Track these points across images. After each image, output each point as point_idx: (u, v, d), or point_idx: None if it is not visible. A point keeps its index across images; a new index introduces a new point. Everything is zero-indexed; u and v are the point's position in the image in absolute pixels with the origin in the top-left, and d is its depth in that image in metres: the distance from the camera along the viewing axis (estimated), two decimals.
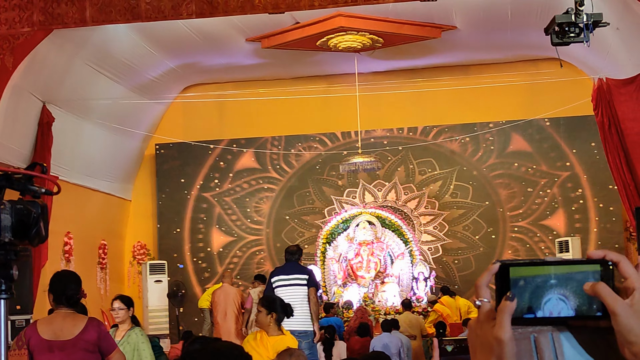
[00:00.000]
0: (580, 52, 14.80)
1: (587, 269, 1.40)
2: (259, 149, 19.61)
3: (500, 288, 1.41)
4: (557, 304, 1.40)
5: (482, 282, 1.43)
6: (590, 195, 18.54)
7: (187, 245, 19.58)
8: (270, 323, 6.86)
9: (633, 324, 1.37)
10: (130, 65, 16.70)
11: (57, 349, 5.50)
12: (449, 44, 16.94)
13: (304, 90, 18.71)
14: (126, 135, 18.23)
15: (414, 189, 19.25)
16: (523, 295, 1.40)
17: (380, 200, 19.26)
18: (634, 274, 1.41)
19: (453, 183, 19.17)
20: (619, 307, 1.37)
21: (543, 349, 1.40)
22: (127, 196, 19.70)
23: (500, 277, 1.41)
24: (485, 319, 1.42)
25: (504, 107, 18.77)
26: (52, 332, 5.57)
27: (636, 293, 1.39)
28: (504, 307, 1.38)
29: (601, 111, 14.81)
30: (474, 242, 18.96)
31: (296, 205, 19.52)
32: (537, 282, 1.40)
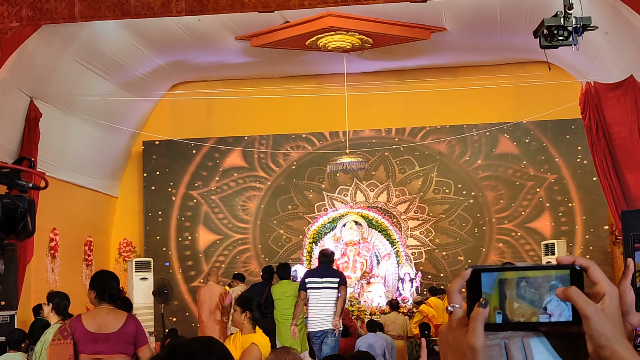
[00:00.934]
0: (569, 55, 14.84)
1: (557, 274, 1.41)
2: (246, 147, 19.60)
3: (472, 293, 1.41)
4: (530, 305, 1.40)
5: (454, 288, 1.43)
6: (577, 199, 18.60)
7: (173, 243, 19.55)
8: (244, 322, 6.89)
9: (604, 327, 1.38)
10: (118, 62, 16.66)
11: (101, 341, 6.14)
12: (438, 45, 16.96)
13: (293, 89, 18.69)
14: (113, 132, 18.19)
15: (407, 192, 19.26)
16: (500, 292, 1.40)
17: (371, 201, 19.26)
18: (604, 279, 1.42)
19: (435, 181, 19.19)
20: (591, 311, 1.37)
21: (514, 354, 1.40)
22: (113, 193, 19.66)
23: (472, 282, 1.41)
24: (456, 325, 1.42)
25: (492, 109, 18.81)
26: (97, 325, 6.19)
27: (606, 298, 1.40)
28: (477, 313, 1.38)
29: (589, 115, 14.86)
30: (462, 238, 18.99)
31: (285, 203, 19.50)
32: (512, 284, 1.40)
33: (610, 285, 1.42)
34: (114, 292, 6.32)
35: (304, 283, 11.91)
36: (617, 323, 1.41)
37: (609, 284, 1.42)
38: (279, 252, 19.34)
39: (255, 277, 18.55)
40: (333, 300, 11.79)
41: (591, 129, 14.85)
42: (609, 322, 1.39)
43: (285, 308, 12.75)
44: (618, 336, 1.40)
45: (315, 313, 11.85)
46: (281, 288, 13.18)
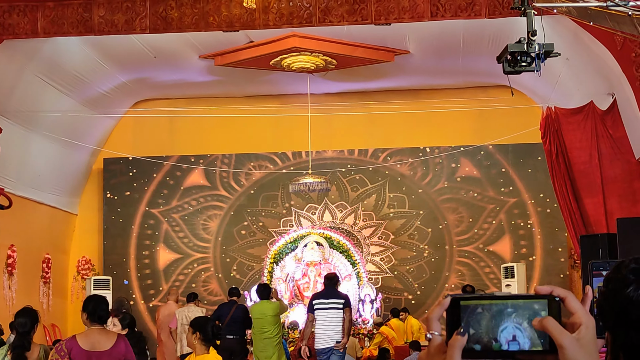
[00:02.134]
0: (530, 80, 14.99)
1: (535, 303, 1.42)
2: (208, 166, 19.53)
3: (451, 321, 1.42)
4: (512, 331, 1.41)
5: (433, 315, 1.45)
6: (537, 222, 18.73)
7: (132, 262, 19.40)
8: (195, 342, 6.90)
9: (579, 358, 1.40)
10: (81, 78, 16.55)
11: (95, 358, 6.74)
12: (402, 68, 17.05)
13: (256, 109, 18.70)
14: (74, 149, 18.05)
15: (347, 206, 19.28)
16: (480, 322, 1.41)
17: (318, 223, 19.25)
18: (581, 309, 1.44)
19: (395, 202, 19.25)
20: (566, 341, 1.39)
21: None
22: (73, 210, 19.48)
23: (451, 310, 1.42)
24: (435, 352, 1.43)
25: (453, 132, 18.93)
26: (91, 344, 6.79)
27: (582, 328, 1.42)
28: (455, 341, 1.40)
29: (549, 139, 15.00)
30: (422, 259, 19.04)
31: (246, 222, 19.44)
32: (494, 310, 1.42)
33: (587, 316, 1.44)
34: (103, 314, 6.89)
35: (311, 305, 12.52)
36: (593, 353, 1.43)
37: (585, 314, 1.44)
38: (240, 272, 19.25)
39: (215, 297, 18.48)
40: (338, 320, 12.41)
41: (551, 154, 14.98)
42: (584, 352, 1.40)
43: (263, 327, 13.01)
44: None
45: (322, 332, 12.36)
46: (260, 308, 13.30)
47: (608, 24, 8.56)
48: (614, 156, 14.04)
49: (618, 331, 1.72)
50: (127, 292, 19.01)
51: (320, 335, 12.45)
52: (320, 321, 12.44)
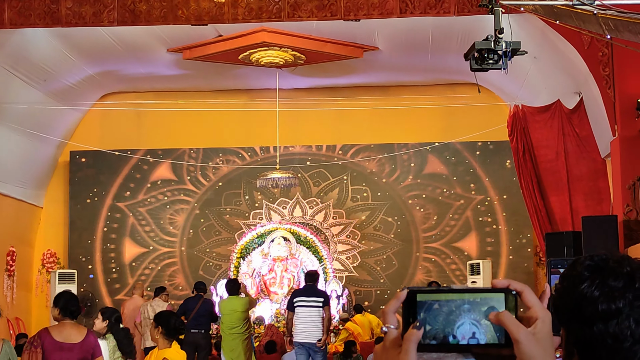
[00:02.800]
0: (498, 78, 15.06)
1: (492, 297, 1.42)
2: (176, 160, 19.45)
3: (407, 314, 1.42)
4: (470, 328, 1.41)
5: (389, 308, 1.44)
6: (503, 220, 18.84)
7: (98, 255, 19.28)
8: (157, 336, 6.89)
9: (535, 352, 1.40)
10: (47, 70, 16.41)
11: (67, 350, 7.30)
12: (370, 64, 17.07)
13: (224, 103, 18.64)
14: (40, 141, 17.90)
15: (319, 202, 19.29)
16: (437, 319, 1.41)
17: (288, 218, 19.24)
18: (537, 303, 1.44)
19: (362, 197, 19.28)
20: (522, 336, 1.39)
21: None
22: (38, 203, 19.32)
23: (407, 303, 1.42)
24: (391, 345, 1.43)
25: (421, 129, 18.98)
26: (63, 337, 7.36)
27: (539, 322, 1.42)
28: (411, 335, 1.39)
29: (516, 137, 15.07)
30: (389, 254, 19.09)
31: (212, 217, 19.40)
32: (451, 306, 1.41)
33: (543, 310, 1.44)
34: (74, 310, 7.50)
35: (291, 303, 12.93)
36: (548, 347, 1.43)
37: (542, 308, 1.44)
38: (206, 268, 19.20)
39: (181, 291, 18.42)
40: (318, 317, 12.83)
41: (518, 152, 15.06)
42: (540, 346, 1.41)
43: (233, 323, 13.03)
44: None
45: (303, 328, 12.76)
46: (230, 304, 13.30)
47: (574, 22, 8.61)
48: (580, 155, 14.15)
49: (572, 327, 1.73)
50: (93, 286, 18.89)
51: (300, 331, 12.80)
52: (301, 318, 12.81)
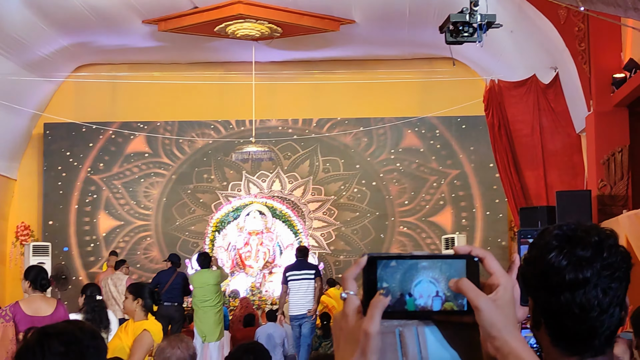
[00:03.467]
0: (474, 52, 15.06)
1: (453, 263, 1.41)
2: (151, 133, 19.35)
3: (368, 280, 1.40)
4: (428, 286, 1.39)
5: (349, 274, 1.42)
6: (478, 194, 18.90)
7: (72, 228, 19.19)
8: (135, 309, 6.84)
9: (495, 319, 1.39)
10: (20, 41, 16.24)
11: (37, 322, 6.97)
12: (347, 37, 17.02)
13: (200, 76, 18.55)
14: (14, 113, 17.74)
15: (298, 178, 19.27)
16: (394, 276, 1.39)
17: (266, 192, 19.21)
18: (499, 269, 1.42)
19: (349, 179, 19.27)
20: (482, 303, 1.38)
21: (407, 343, 1.39)
22: (12, 175, 19.18)
23: (368, 269, 1.40)
24: (351, 311, 1.41)
25: (398, 104, 18.97)
26: (33, 310, 7.47)
27: (500, 289, 1.41)
28: (377, 301, 1.37)
29: (492, 112, 15.09)
30: (364, 231, 19.12)
31: (188, 190, 19.34)
32: (408, 264, 1.39)
33: (505, 277, 1.42)
34: (44, 283, 7.68)
35: (285, 277, 13.56)
36: (510, 315, 1.42)
37: (503, 274, 1.43)
38: (180, 239, 19.16)
39: (157, 265, 18.36)
40: (310, 289, 13.48)
41: (494, 126, 15.08)
42: (501, 313, 1.40)
43: (205, 296, 13.08)
44: (510, 327, 1.41)
45: (296, 300, 13.37)
46: (201, 277, 13.32)
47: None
48: (555, 130, 14.20)
49: (539, 296, 1.72)
50: (67, 259, 18.80)
51: (294, 303, 13.43)
52: (294, 291, 13.43)
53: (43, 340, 2.85)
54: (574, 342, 1.71)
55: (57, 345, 2.83)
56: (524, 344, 1.44)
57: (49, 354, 2.81)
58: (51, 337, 2.86)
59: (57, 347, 2.82)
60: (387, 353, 1.39)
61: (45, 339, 2.85)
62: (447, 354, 1.41)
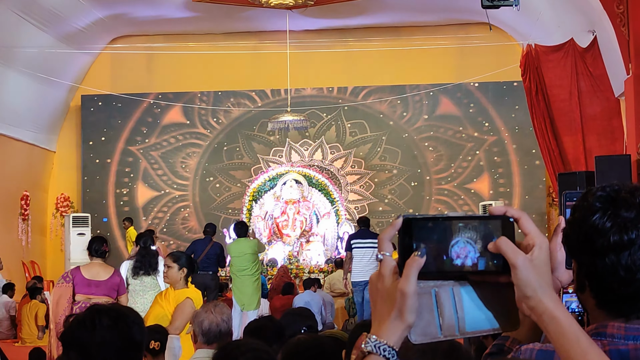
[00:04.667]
0: (510, 17, 14.91)
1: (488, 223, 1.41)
2: (187, 103, 19.42)
3: (403, 242, 1.40)
4: (464, 247, 1.40)
5: (385, 235, 1.43)
6: (515, 160, 18.79)
7: (111, 199, 19.36)
8: (180, 278, 6.96)
9: (531, 277, 1.40)
10: (57, 14, 16.33)
11: (94, 286, 8.24)
12: (381, 4, 16.93)
13: (235, 45, 18.55)
14: (52, 85, 17.88)
15: (341, 149, 19.27)
16: (431, 237, 1.40)
17: (307, 160, 19.23)
18: (534, 230, 1.43)
19: (382, 146, 19.24)
20: (519, 261, 1.39)
21: (443, 303, 1.41)
22: (51, 147, 19.36)
23: (403, 231, 1.40)
24: (387, 272, 1.42)
25: (433, 70, 18.86)
26: (91, 274, 8.30)
27: (536, 248, 1.41)
28: (413, 262, 1.38)
29: (529, 77, 14.94)
30: (399, 205, 19.10)
31: (225, 160, 19.42)
32: (444, 225, 1.40)
33: (540, 237, 1.43)
34: (101, 251, 8.42)
35: (349, 244, 13.91)
36: (545, 274, 1.42)
37: (539, 235, 1.43)
38: (219, 209, 19.25)
39: (195, 234, 18.46)
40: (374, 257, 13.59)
41: (531, 92, 14.94)
42: (536, 272, 1.40)
43: (242, 265, 13.08)
44: (544, 287, 1.42)
45: (360, 268, 13.64)
46: (239, 246, 13.33)
47: None
48: (594, 94, 14.04)
49: (584, 259, 1.71)
50: (107, 229, 18.97)
51: (357, 270, 13.73)
52: (359, 258, 13.72)
53: (94, 315, 3.13)
54: (620, 304, 1.70)
55: (107, 320, 3.11)
56: (558, 304, 1.45)
57: (99, 326, 3.09)
58: (101, 313, 3.15)
59: (106, 321, 3.11)
60: (423, 313, 1.40)
61: (96, 314, 3.14)
62: (483, 314, 1.42)
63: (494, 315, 1.43)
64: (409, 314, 1.38)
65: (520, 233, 1.46)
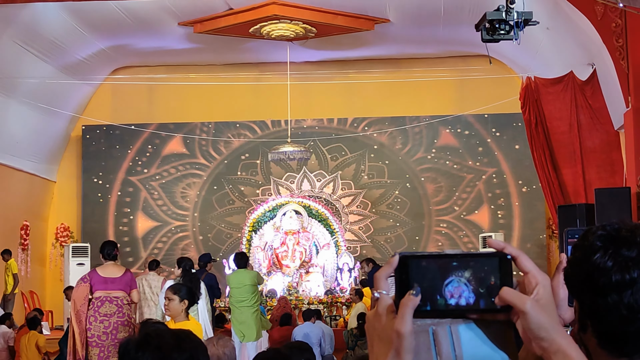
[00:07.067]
0: (510, 50, 14.97)
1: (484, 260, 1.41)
2: (187, 134, 19.46)
3: (400, 280, 1.40)
4: (458, 286, 1.40)
5: (381, 274, 1.43)
6: (515, 192, 18.80)
7: (111, 229, 19.35)
8: (182, 310, 6.94)
9: (542, 320, 1.39)
10: (59, 44, 16.41)
11: (110, 282, 9.53)
12: (382, 36, 17.00)
13: (236, 77, 18.62)
14: (53, 116, 17.92)
15: (348, 183, 19.29)
16: (425, 276, 1.39)
17: (297, 192, 19.25)
18: (534, 268, 1.43)
19: (374, 172, 19.26)
20: (528, 307, 1.38)
21: (441, 341, 1.40)
22: (51, 177, 19.38)
23: (400, 269, 1.40)
24: (384, 311, 1.42)
25: (433, 102, 18.92)
26: (107, 273, 9.60)
27: (540, 288, 1.41)
28: (408, 301, 1.38)
29: (529, 109, 15.00)
30: (402, 224, 19.09)
31: (225, 190, 19.42)
32: (439, 263, 1.40)
33: (541, 274, 1.43)
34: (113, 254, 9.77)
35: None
36: (552, 312, 1.42)
37: (539, 272, 1.43)
38: (218, 240, 19.24)
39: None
40: None
41: (531, 124, 14.99)
42: (546, 313, 1.40)
43: (242, 296, 12.98)
44: (556, 326, 1.41)
45: None
46: (238, 277, 13.26)
47: None
48: (593, 126, 14.08)
49: (585, 298, 1.72)
50: None
51: None
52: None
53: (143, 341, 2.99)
54: (622, 343, 1.70)
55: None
56: (571, 341, 1.45)
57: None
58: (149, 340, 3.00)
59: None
60: (421, 352, 1.39)
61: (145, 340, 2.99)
62: (481, 351, 1.42)
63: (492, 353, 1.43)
64: (406, 354, 1.38)
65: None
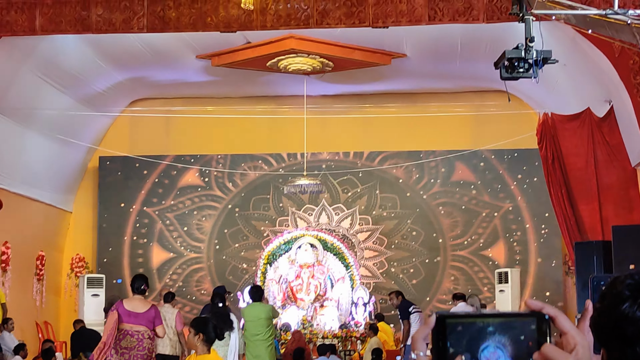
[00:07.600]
0: (527, 86, 14.97)
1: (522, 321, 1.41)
2: (204, 166, 19.51)
3: (437, 340, 1.40)
4: (494, 352, 1.40)
5: (419, 335, 1.44)
6: (532, 228, 18.73)
7: (126, 260, 19.37)
8: (197, 344, 6.94)
9: None
10: (77, 76, 16.51)
11: (133, 317, 9.69)
12: (398, 71, 17.04)
13: (252, 109, 18.68)
14: (70, 147, 18.01)
15: (366, 219, 19.27)
16: (461, 341, 1.39)
17: (314, 225, 19.24)
18: (573, 328, 1.43)
19: (398, 209, 19.24)
20: None
21: None
22: (68, 208, 19.44)
23: (436, 329, 1.41)
24: None
25: (449, 137, 18.92)
26: (131, 307, 9.78)
27: (579, 348, 1.41)
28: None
29: (545, 145, 14.99)
30: (417, 261, 19.04)
31: (239, 224, 19.44)
32: (475, 328, 1.40)
33: (579, 335, 1.43)
34: (142, 289, 10.02)
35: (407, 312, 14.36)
36: None
37: (578, 333, 1.43)
38: (233, 273, 19.23)
39: (208, 297, 18.37)
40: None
41: (547, 160, 14.98)
42: None
43: (256, 329, 12.97)
44: None
45: None
46: (253, 310, 13.24)
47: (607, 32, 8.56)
48: (610, 163, 14.05)
49: (613, 347, 1.71)
50: (121, 290, 18.93)
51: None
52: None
53: None
54: None
55: None
56: None
57: None
58: None
59: None
60: None
61: None
62: None
63: None
64: None
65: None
